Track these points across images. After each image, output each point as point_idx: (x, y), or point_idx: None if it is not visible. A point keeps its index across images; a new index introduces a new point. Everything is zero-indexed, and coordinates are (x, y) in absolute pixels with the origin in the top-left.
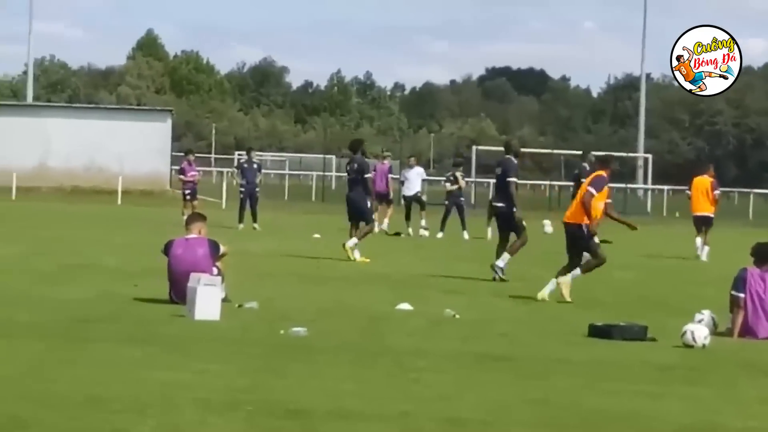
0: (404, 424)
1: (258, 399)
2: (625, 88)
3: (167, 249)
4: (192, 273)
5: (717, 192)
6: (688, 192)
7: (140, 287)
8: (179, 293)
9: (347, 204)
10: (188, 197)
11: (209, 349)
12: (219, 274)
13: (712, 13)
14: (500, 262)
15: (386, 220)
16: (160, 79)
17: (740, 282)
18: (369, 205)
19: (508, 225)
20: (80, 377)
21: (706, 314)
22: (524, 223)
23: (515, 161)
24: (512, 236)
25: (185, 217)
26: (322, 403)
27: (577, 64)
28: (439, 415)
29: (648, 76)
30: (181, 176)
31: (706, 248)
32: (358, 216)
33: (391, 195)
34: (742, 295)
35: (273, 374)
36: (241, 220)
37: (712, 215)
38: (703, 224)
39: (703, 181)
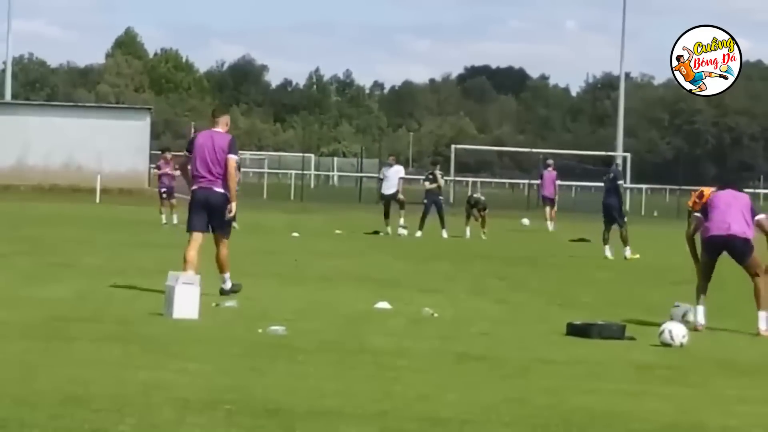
0: (384, 423)
1: (237, 398)
2: (604, 87)
3: (191, 143)
4: (205, 172)
5: None
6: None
7: (119, 286)
8: (199, 180)
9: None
10: (165, 195)
11: (188, 348)
12: (222, 259)
13: (694, 14)
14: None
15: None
16: (139, 78)
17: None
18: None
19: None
20: (60, 376)
21: (681, 306)
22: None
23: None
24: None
25: (213, 109)
26: (301, 402)
27: (557, 63)
28: (419, 415)
29: (627, 75)
30: (157, 171)
31: None
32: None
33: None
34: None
35: (252, 373)
36: None
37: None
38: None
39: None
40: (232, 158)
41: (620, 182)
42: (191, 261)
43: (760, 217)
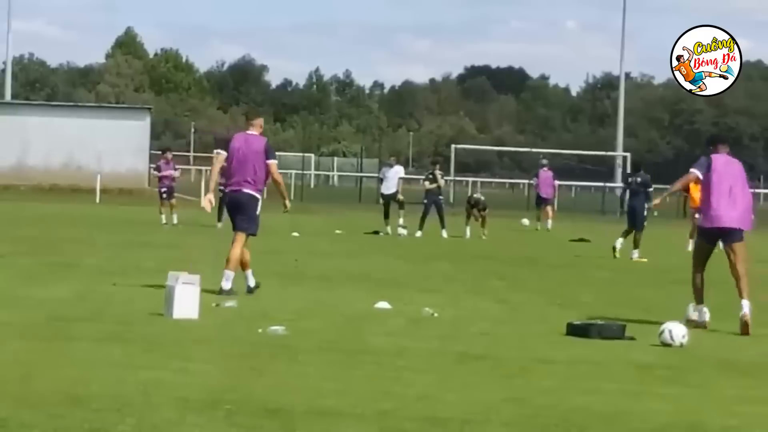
0: (384, 423)
1: (237, 398)
2: (604, 87)
3: (227, 144)
4: (241, 170)
5: None
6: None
7: (119, 286)
8: (230, 183)
9: None
10: (165, 196)
11: (188, 347)
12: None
13: (694, 14)
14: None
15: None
16: (139, 78)
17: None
18: None
19: None
20: (60, 376)
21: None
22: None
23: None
24: None
25: (245, 114)
26: (301, 402)
27: (557, 63)
28: (419, 415)
29: (627, 75)
30: (156, 173)
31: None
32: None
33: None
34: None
35: (252, 373)
36: (219, 219)
37: None
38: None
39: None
40: (273, 163)
41: (650, 189)
42: (234, 259)
43: None
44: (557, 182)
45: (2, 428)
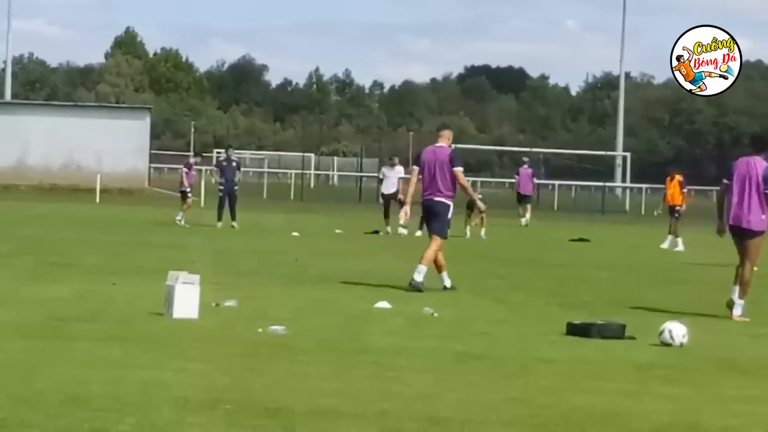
0: (384, 422)
1: (237, 398)
2: (603, 87)
3: (418, 158)
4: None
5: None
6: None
7: (119, 286)
8: (425, 193)
9: None
10: (189, 196)
11: (188, 347)
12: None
13: (694, 14)
14: None
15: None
16: (139, 77)
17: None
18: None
19: None
20: (60, 376)
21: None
22: None
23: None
24: None
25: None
26: (301, 402)
27: (557, 63)
28: (419, 414)
29: (627, 75)
30: (186, 170)
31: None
32: None
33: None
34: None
35: (252, 373)
36: (219, 219)
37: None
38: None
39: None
40: (458, 170)
41: None
42: (428, 258)
43: None
44: (558, 182)
45: (2, 428)
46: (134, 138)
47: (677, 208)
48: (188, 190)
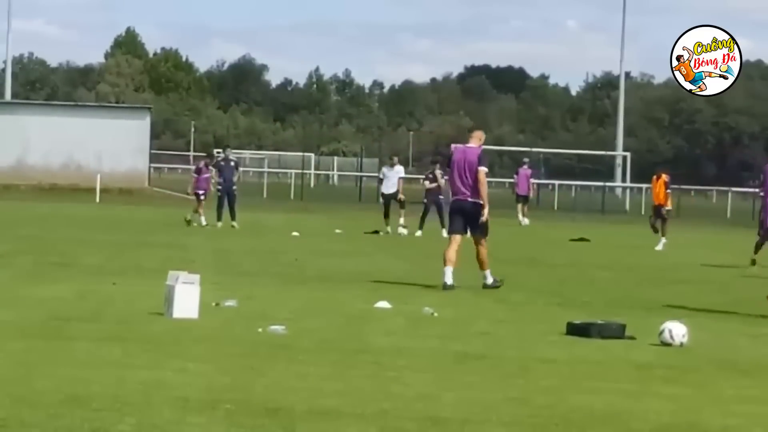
0: (384, 422)
1: (237, 397)
2: (603, 86)
3: (449, 159)
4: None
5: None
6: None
7: (119, 286)
8: (455, 192)
9: None
10: (202, 198)
11: (188, 347)
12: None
13: (694, 14)
14: None
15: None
16: (139, 77)
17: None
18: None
19: None
20: (60, 376)
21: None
22: None
23: None
24: None
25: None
26: (301, 402)
27: (557, 63)
28: (418, 414)
29: (627, 75)
30: (196, 175)
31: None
32: None
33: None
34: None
35: (252, 373)
36: (219, 219)
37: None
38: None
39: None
40: (482, 170)
41: None
42: (450, 259)
43: None
44: (558, 182)
45: (2, 428)
46: (134, 138)
47: (663, 208)
48: (201, 192)
